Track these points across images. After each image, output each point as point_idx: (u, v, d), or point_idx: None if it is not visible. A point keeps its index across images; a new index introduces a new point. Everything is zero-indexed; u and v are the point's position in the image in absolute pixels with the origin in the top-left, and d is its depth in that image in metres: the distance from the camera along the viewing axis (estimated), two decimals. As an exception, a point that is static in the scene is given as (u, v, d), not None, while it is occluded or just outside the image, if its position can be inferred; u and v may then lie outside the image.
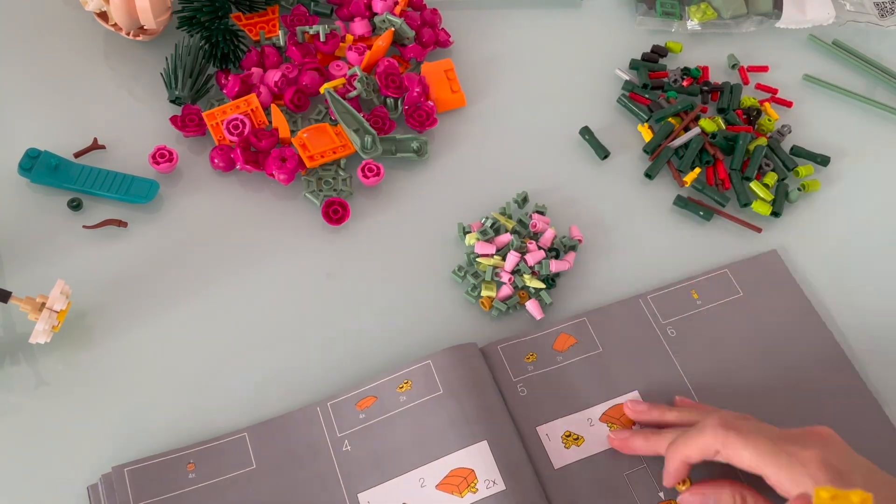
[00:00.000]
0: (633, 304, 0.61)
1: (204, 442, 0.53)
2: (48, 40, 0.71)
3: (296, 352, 0.58)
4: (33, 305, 0.53)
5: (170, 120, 0.65)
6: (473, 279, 0.61)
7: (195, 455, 0.52)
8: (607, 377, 0.57)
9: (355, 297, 0.61)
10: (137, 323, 0.58)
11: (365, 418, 0.54)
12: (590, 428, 0.55)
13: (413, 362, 0.55)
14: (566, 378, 0.57)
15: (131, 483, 0.50)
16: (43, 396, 0.54)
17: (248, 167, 0.63)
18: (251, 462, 0.52)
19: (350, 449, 0.53)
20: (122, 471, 0.51)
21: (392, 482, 0.52)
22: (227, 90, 0.67)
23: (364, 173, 0.64)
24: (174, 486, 0.51)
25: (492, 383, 0.56)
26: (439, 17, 0.75)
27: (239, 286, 0.60)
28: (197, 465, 0.52)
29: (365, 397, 0.55)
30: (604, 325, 0.60)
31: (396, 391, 0.54)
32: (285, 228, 0.63)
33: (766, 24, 0.80)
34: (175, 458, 0.52)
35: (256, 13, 0.72)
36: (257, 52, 0.69)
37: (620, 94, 0.74)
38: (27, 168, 0.62)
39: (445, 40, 0.74)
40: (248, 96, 0.66)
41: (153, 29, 0.69)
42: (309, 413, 0.54)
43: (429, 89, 0.69)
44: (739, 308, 0.61)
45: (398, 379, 0.55)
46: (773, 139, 0.72)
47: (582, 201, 0.67)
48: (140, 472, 0.51)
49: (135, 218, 0.62)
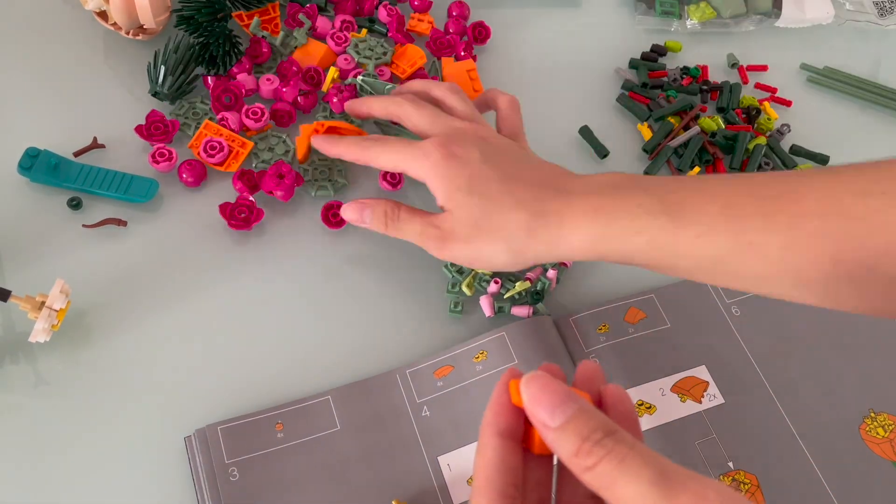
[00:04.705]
0: (698, 284, 0.62)
1: (291, 403, 0.54)
2: (48, 39, 0.71)
3: (294, 351, 0.58)
4: (33, 304, 0.53)
5: (135, 130, 0.64)
6: (458, 275, 0.61)
7: (283, 416, 0.54)
8: (676, 351, 0.59)
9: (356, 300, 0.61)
10: (137, 322, 0.58)
11: (443, 386, 0.56)
12: (661, 397, 0.57)
13: (488, 333, 0.58)
14: (637, 350, 0.59)
15: (224, 440, 0.52)
16: (43, 395, 0.54)
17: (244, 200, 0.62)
18: (336, 423, 0.54)
19: (429, 414, 0.55)
20: (215, 428, 0.53)
21: (470, 447, 0.54)
22: (213, 96, 0.66)
23: (387, 179, 0.65)
24: (264, 445, 0.53)
25: (565, 353, 0.57)
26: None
27: (239, 285, 0.60)
28: (285, 424, 0.53)
29: (442, 366, 0.57)
30: (671, 302, 0.61)
31: (472, 361, 0.57)
32: (287, 223, 0.63)
33: (765, 24, 0.80)
34: (265, 418, 0.54)
35: (256, 10, 0.72)
36: (250, 58, 0.69)
37: (620, 93, 0.74)
38: (27, 167, 0.62)
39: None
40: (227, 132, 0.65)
41: (153, 28, 0.69)
42: (388, 379, 0.56)
43: None
44: None
45: (474, 349, 0.57)
46: (773, 138, 0.72)
47: (581, 200, 0.67)
48: (232, 430, 0.53)
49: (134, 217, 0.62)
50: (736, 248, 0.46)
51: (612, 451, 0.32)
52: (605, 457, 0.32)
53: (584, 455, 0.32)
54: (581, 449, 0.32)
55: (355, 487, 0.52)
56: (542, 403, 0.34)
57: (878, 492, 0.55)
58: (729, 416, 0.57)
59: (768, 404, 0.58)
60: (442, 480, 0.52)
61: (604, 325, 0.60)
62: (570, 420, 0.33)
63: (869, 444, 0.57)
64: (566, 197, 0.51)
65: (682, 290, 0.62)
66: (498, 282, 0.60)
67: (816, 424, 0.57)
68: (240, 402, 0.55)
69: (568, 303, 0.62)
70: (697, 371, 0.59)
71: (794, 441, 0.56)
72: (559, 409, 0.33)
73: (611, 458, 0.32)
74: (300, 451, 0.53)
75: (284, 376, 0.57)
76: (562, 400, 0.33)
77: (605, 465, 0.32)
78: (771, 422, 0.57)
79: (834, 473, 0.55)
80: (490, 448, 0.35)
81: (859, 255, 0.43)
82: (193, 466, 0.52)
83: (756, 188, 0.47)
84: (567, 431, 0.33)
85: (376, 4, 0.75)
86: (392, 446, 0.54)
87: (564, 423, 0.33)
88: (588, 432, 0.33)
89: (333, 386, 0.56)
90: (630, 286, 0.63)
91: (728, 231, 0.46)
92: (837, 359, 0.60)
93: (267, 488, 0.51)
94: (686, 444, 0.55)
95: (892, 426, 0.57)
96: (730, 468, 0.55)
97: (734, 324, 0.61)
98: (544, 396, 0.34)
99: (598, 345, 0.59)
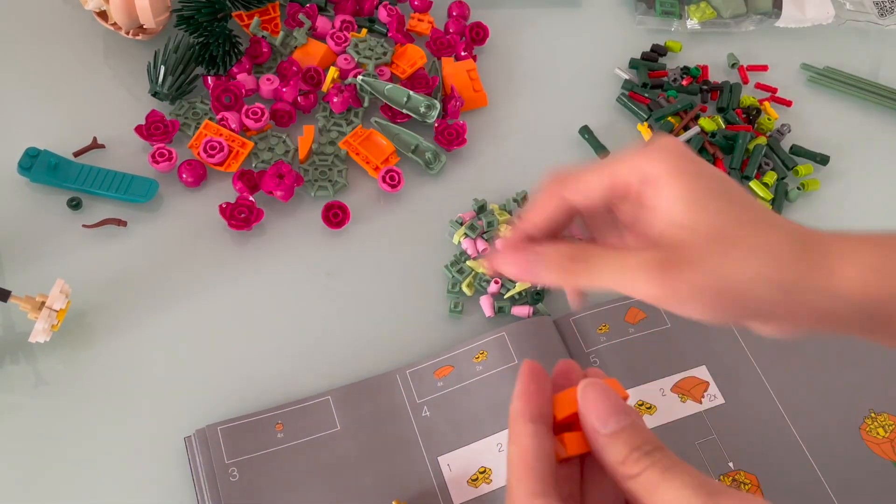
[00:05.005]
0: None
1: (291, 403, 0.54)
2: (48, 39, 0.71)
3: (294, 351, 0.58)
4: (33, 304, 0.53)
5: (135, 130, 0.65)
6: (458, 275, 0.61)
7: (283, 416, 0.54)
8: (676, 351, 0.59)
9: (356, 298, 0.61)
10: (137, 322, 0.58)
11: (443, 386, 0.56)
12: (662, 398, 0.57)
13: (488, 334, 0.57)
14: (637, 350, 0.59)
15: (224, 440, 0.52)
16: (43, 395, 0.54)
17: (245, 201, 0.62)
18: (336, 424, 0.54)
19: (429, 415, 0.55)
20: (215, 429, 0.53)
21: (470, 447, 0.54)
22: (212, 95, 0.66)
23: (386, 180, 0.64)
24: (264, 445, 0.53)
25: (565, 353, 0.58)
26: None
27: (239, 285, 0.60)
28: (285, 425, 0.53)
29: (442, 366, 0.57)
30: None
31: (473, 361, 0.57)
32: (287, 223, 0.63)
33: (765, 24, 0.80)
34: (265, 418, 0.53)
35: (256, 10, 0.72)
36: (250, 58, 0.69)
37: (620, 94, 0.74)
38: (27, 167, 0.62)
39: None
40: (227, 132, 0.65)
41: (153, 28, 0.69)
42: (388, 379, 0.56)
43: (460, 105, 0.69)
44: None
45: (474, 350, 0.57)
46: (773, 138, 0.72)
47: (581, 200, 0.67)
48: (232, 430, 0.53)
49: (134, 217, 0.62)
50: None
51: (659, 462, 0.33)
52: (650, 467, 0.33)
53: (632, 464, 0.33)
54: (629, 458, 0.33)
55: (355, 487, 0.52)
56: (598, 410, 0.34)
57: (878, 492, 0.55)
58: (729, 416, 0.57)
59: (768, 404, 0.57)
60: (442, 480, 0.52)
61: (604, 326, 0.60)
62: (623, 430, 0.34)
63: (869, 444, 0.57)
64: (826, 233, 0.37)
65: None
66: (498, 282, 0.60)
67: (816, 424, 0.57)
68: (240, 402, 0.55)
69: (568, 303, 0.62)
70: (697, 371, 0.59)
71: (794, 441, 0.56)
72: (613, 419, 0.34)
73: (656, 468, 0.33)
74: (300, 451, 0.53)
75: (284, 376, 0.56)
76: (617, 410, 0.34)
77: (649, 474, 0.33)
78: (771, 422, 0.57)
79: (834, 473, 0.55)
80: (526, 435, 0.35)
81: None
82: (193, 466, 0.52)
83: None
84: (618, 440, 0.34)
85: (376, 4, 0.75)
86: (392, 446, 0.54)
87: (617, 432, 0.34)
88: (639, 444, 0.33)
89: (333, 386, 0.56)
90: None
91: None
92: (837, 359, 0.60)
93: (267, 488, 0.51)
94: (686, 445, 0.55)
95: (892, 426, 0.57)
96: (730, 468, 0.55)
97: (735, 324, 0.61)
98: (600, 404, 0.34)
99: (598, 345, 0.59)
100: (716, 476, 0.54)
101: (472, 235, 0.62)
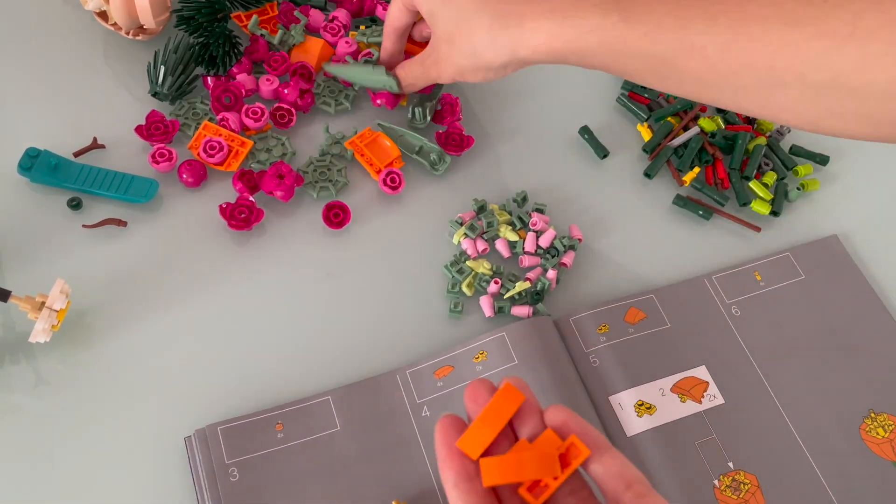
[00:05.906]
0: (698, 284, 0.63)
1: (291, 403, 0.54)
2: (48, 39, 0.71)
3: (294, 351, 0.58)
4: (33, 304, 0.53)
5: (135, 130, 0.64)
6: (458, 275, 0.61)
7: (283, 416, 0.54)
8: (676, 351, 0.59)
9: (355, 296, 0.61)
10: (137, 322, 0.58)
11: (443, 386, 0.56)
12: (661, 398, 0.57)
13: (488, 334, 0.57)
14: (637, 350, 0.59)
15: (224, 440, 0.52)
16: (43, 395, 0.54)
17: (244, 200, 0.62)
18: (336, 424, 0.54)
19: (429, 415, 0.55)
20: (215, 429, 0.53)
21: None
22: (212, 96, 0.66)
23: (386, 182, 0.64)
24: (264, 445, 0.53)
25: (565, 353, 0.58)
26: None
27: (239, 286, 0.60)
28: (285, 425, 0.53)
29: (442, 366, 0.57)
30: (671, 303, 0.61)
31: (473, 361, 0.57)
32: (287, 223, 0.63)
33: (765, 24, 0.80)
34: (265, 418, 0.54)
35: (255, 10, 0.72)
36: (249, 60, 0.69)
37: (620, 94, 0.74)
38: (27, 167, 0.62)
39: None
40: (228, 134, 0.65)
41: (153, 28, 0.69)
42: (388, 379, 0.56)
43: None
44: (801, 290, 0.63)
45: (474, 350, 0.57)
46: (773, 138, 0.72)
47: (581, 201, 0.67)
48: (232, 430, 0.53)
49: (134, 217, 0.62)
50: (679, 48, 0.47)
51: None
52: None
53: None
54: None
55: (355, 488, 0.52)
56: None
57: (878, 492, 0.55)
58: (729, 416, 0.57)
59: (768, 404, 0.58)
60: None
61: (604, 326, 0.60)
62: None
63: (869, 444, 0.57)
64: (521, 8, 0.53)
65: (682, 291, 0.62)
66: (498, 282, 0.60)
67: (816, 424, 0.57)
68: (240, 402, 0.55)
69: (568, 303, 0.62)
70: (697, 371, 0.59)
71: (794, 441, 0.56)
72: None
73: None
74: (300, 451, 0.53)
75: (284, 376, 0.57)
76: None
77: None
78: (771, 422, 0.57)
79: (834, 473, 0.55)
80: (457, 500, 0.36)
81: (793, 62, 0.44)
82: (193, 466, 0.52)
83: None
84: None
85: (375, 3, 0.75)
86: (392, 446, 0.54)
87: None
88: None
89: (333, 386, 0.56)
90: (630, 286, 0.63)
91: (673, 30, 0.47)
92: (837, 359, 0.60)
93: (267, 488, 0.51)
94: (686, 445, 0.55)
95: (892, 426, 0.57)
96: (730, 468, 0.55)
97: (734, 324, 0.61)
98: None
99: (598, 345, 0.59)
100: (716, 476, 0.54)
101: (472, 235, 0.63)
